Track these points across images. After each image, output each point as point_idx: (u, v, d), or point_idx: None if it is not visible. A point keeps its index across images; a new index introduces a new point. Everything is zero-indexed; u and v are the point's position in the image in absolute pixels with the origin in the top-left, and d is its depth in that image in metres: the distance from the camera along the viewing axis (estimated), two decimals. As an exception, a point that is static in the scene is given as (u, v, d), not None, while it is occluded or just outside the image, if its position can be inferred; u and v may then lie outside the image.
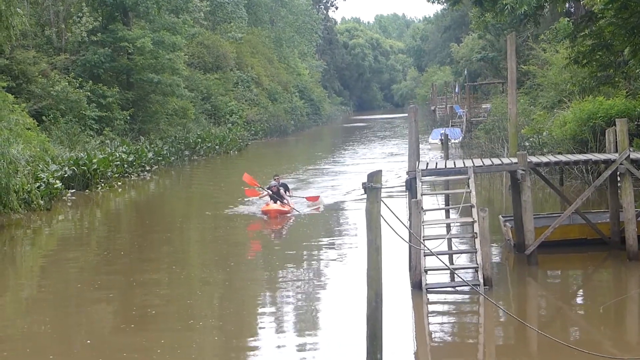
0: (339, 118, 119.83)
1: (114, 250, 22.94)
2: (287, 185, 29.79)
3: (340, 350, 13.01)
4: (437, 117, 78.11)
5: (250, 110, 73.23)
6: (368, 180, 8.89)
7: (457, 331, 14.66)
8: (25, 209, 27.64)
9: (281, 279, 18.76)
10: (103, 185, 35.88)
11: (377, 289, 8.83)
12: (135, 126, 49.88)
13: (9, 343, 14.18)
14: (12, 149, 27.76)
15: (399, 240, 11.67)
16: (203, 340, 13.92)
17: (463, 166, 18.23)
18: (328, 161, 49.78)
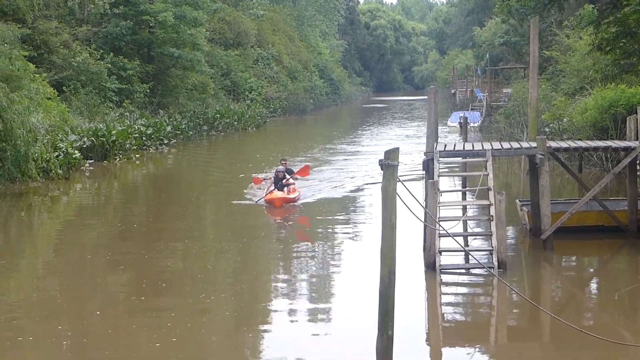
0: (358, 98, 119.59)
1: (129, 221, 23.04)
2: (292, 171, 27.12)
3: (352, 327, 13.03)
4: (457, 101, 77.76)
5: (270, 88, 73.17)
6: (385, 157, 8.85)
7: (470, 313, 14.63)
8: (44, 178, 27.77)
9: (295, 255, 18.79)
10: (121, 157, 35.98)
11: (391, 266, 8.81)
12: (154, 100, 49.94)
13: (23, 308, 14.27)
14: (32, 117, 27.93)
15: (415, 221, 11.65)
16: (214, 313, 13.95)
17: (481, 148, 18.15)
18: (345, 141, 49.69)
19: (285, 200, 24.77)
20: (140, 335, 12.62)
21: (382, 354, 8.84)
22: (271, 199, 24.58)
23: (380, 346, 8.85)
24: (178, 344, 12.16)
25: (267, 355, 11.81)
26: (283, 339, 12.63)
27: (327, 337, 12.76)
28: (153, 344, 12.15)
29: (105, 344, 12.21)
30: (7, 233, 21.84)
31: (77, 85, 41.83)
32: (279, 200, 24.51)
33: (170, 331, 12.68)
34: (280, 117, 71.51)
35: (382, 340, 8.84)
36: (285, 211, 24.23)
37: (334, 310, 14.32)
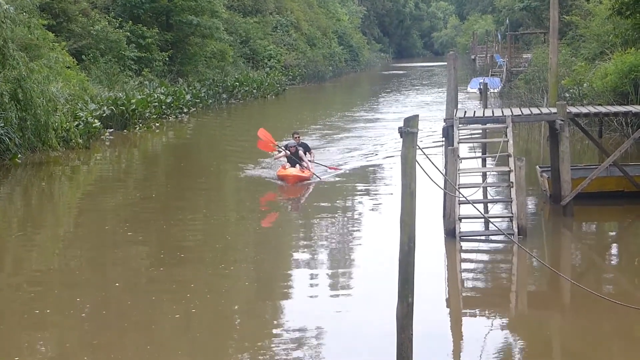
0: (377, 65, 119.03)
1: (148, 190, 23.14)
2: (308, 146, 25.38)
3: (372, 294, 13.08)
4: (477, 66, 77.30)
5: (289, 55, 72.91)
6: (404, 124, 8.81)
7: (490, 279, 14.64)
8: (64, 147, 27.87)
9: (314, 224, 18.82)
10: (141, 125, 36.04)
11: (410, 233, 8.80)
12: (173, 68, 49.91)
13: (43, 279, 14.37)
14: (52, 86, 27.96)
15: (434, 188, 11.62)
16: (233, 285, 13.96)
17: (501, 115, 18.07)
18: (364, 108, 49.54)
19: (299, 178, 23.14)
20: (160, 306, 12.65)
21: (402, 321, 8.85)
22: (284, 176, 23.16)
23: (400, 313, 8.86)
24: (197, 315, 12.20)
25: (286, 325, 11.85)
26: (303, 308, 12.67)
27: (347, 305, 12.81)
28: (172, 315, 12.19)
29: (124, 315, 12.24)
30: (28, 202, 21.99)
31: (96, 54, 41.84)
32: (292, 178, 23.04)
33: (190, 302, 12.70)
34: (299, 84, 71.32)
35: (402, 307, 8.85)
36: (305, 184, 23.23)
37: (354, 277, 14.37)
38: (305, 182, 23.13)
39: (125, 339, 11.34)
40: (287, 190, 22.52)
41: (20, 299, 13.22)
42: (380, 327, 11.00)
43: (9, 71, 24.77)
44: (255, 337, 11.40)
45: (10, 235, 17.97)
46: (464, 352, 10.95)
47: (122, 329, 11.73)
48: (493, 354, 10.66)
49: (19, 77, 24.80)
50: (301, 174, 23.22)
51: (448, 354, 10.85)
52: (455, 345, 11.27)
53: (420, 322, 9.91)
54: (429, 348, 10.50)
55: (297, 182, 22.89)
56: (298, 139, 24.93)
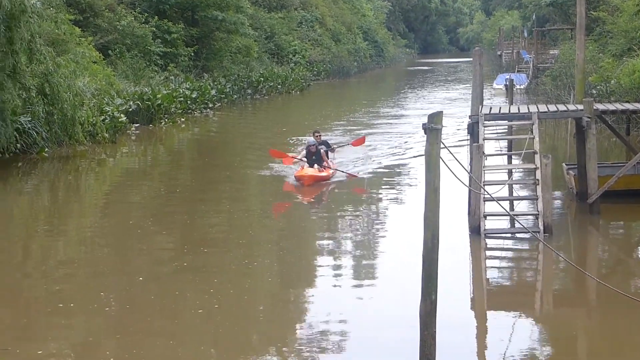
0: (402, 61, 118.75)
1: (173, 184, 23.23)
2: (329, 143, 24.91)
3: (396, 290, 13.06)
4: (503, 62, 76.91)
5: (313, 51, 72.88)
6: (428, 121, 8.80)
7: (515, 277, 14.59)
8: (90, 141, 28.02)
9: (339, 219, 18.82)
10: (166, 120, 36.18)
11: (434, 230, 8.79)
12: (199, 63, 50.02)
13: (69, 271, 14.47)
14: (78, 81, 28.13)
15: (459, 185, 11.58)
16: (257, 278, 14.02)
17: (527, 111, 17.98)
18: (389, 104, 49.45)
19: (315, 178, 22.28)
20: (183, 301, 12.68)
21: (425, 318, 8.85)
22: (301, 176, 22.23)
23: (423, 310, 8.85)
24: (221, 310, 12.22)
25: (310, 319, 11.85)
26: (326, 303, 12.67)
27: (370, 301, 12.82)
28: (196, 310, 12.21)
29: (148, 309, 12.29)
30: (55, 195, 22.16)
31: (122, 49, 42.02)
32: (309, 178, 22.11)
33: (213, 297, 12.72)
34: (324, 80, 71.28)
35: (425, 305, 8.84)
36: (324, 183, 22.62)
37: (378, 274, 14.37)
38: (324, 182, 22.51)
39: (148, 332, 11.39)
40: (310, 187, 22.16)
41: (45, 291, 13.32)
42: (404, 324, 10.97)
43: (37, 66, 24.93)
44: (279, 330, 11.46)
45: (37, 227, 18.12)
46: (488, 350, 10.91)
47: (145, 322, 11.78)
48: (517, 352, 10.60)
49: (46, 71, 24.95)
50: (319, 174, 22.50)
51: (472, 352, 10.81)
52: (479, 344, 11.24)
53: (444, 320, 9.90)
54: (452, 346, 10.45)
55: (314, 183, 22.18)
56: (319, 137, 24.28)
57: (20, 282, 14.09)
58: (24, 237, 17.32)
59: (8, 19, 22.90)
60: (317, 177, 22.35)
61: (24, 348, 10.73)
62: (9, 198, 21.58)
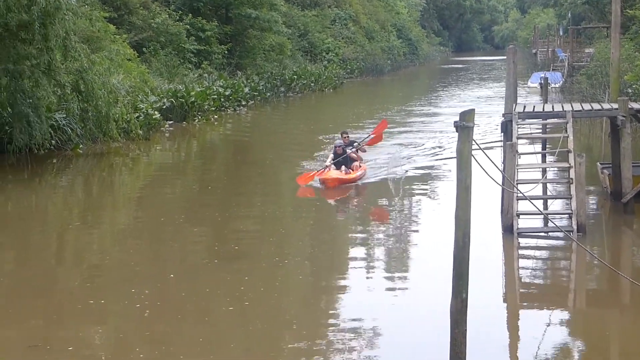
0: (436, 59, 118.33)
1: (206, 182, 23.35)
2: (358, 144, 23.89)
3: (427, 288, 13.06)
4: (538, 61, 76.35)
5: (347, 49, 72.83)
6: (460, 118, 8.78)
7: (548, 277, 14.51)
8: (125, 138, 28.25)
9: (371, 218, 18.83)
10: (200, 118, 36.37)
11: (465, 228, 8.77)
12: (232, 61, 50.20)
13: (101, 269, 14.59)
14: (113, 78, 28.34)
15: (493, 184, 11.55)
16: (288, 277, 14.02)
17: (561, 110, 17.87)
18: (422, 102, 49.30)
19: (340, 181, 21.52)
20: (213, 298, 12.70)
21: (456, 316, 8.83)
22: (324, 179, 21.42)
23: (454, 308, 8.84)
24: (251, 309, 12.21)
25: (341, 317, 11.85)
26: (358, 300, 12.69)
27: (402, 298, 12.83)
28: (226, 308, 12.23)
29: (179, 307, 12.29)
30: (89, 191, 22.38)
31: (156, 47, 42.29)
32: (332, 181, 21.35)
33: (243, 295, 12.72)
34: (357, 78, 71.19)
35: (456, 303, 8.83)
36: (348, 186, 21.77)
37: (410, 271, 14.37)
38: (349, 185, 21.74)
39: (178, 330, 11.39)
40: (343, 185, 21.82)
41: (77, 287, 13.42)
42: (435, 322, 10.95)
43: (71, 63, 25.15)
44: (310, 327, 11.46)
45: (71, 222, 18.30)
46: (520, 350, 10.86)
47: (176, 320, 11.79)
48: (549, 352, 10.56)
49: (80, 68, 25.17)
50: (344, 177, 21.70)
51: (503, 350, 10.78)
52: (511, 343, 11.20)
53: (476, 319, 9.89)
54: (483, 344, 10.44)
55: (337, 186, 21.44)
56: (347, 139, 23.38)
57: (53, 277, 14.23)
58: (58, 232, 17.51)
59: (43, 16, 23.13)
60: (343, 180, 21.60)
61: (54, 344, 10.79)
62: (43, 194, 21.83)
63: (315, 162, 25.12)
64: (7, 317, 11.89)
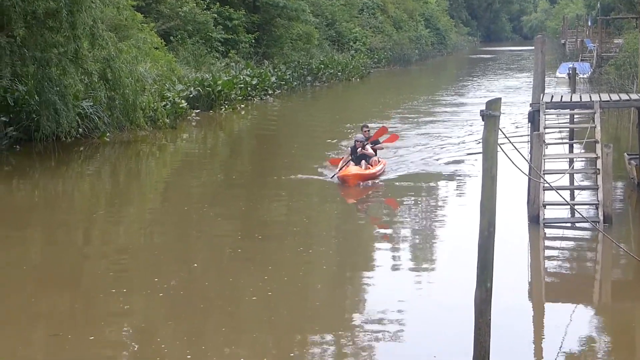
0: (464, 49, 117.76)
1: (232, 171, 23.38)
2: (377, 140, 22.71)
3: (452, 278, 12.99)
4: (566, 51, 75.74)
5: (374, 38, 72.64)
6: (486, 107, 8.70)
7: (574, 268, 14.39)
8: (151, 127, 28.32)
9: (396, 207, 18.75)
10: (226, 106, 36.41)
11: (491, 218, 8.69)
12: (259, 50, 50.20)
13: (126, 256, 14.63)
14: (140, 67, 28.43)
15: (519, 174, 11.46)
16: (313, 266, 13.96)
17: (589, 100, 17.70)
18: (449, 93, 49.06)
19: (361, 177, 20.57)
20: (237, 288, 12.62)
21: (481, 306, 8.76)
22: (344, 176, 20.48)
23: (478, 298, 8.77)
24: (274, 299, 12.12)
25: (366, 308, 11.77)
26: (383, 289, 12.64)
27: (427, 288, 12.78)
28: (249, 298, 12.13)
29: (201, 297, 12.22)
30: (116, 179, 22.48)
31: (184, 35, 42.35)
32: (352, 178, 20.38)
33: (267, 285, 12.64)
34: (384, 67, 71.02)
35: (480, 292, 8.76)
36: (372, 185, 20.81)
37: (436, 260, 14.33)
38: (371, 182, 20.83)
39: (201, 319, 11.37)
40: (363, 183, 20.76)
41: (100, 276, 13.37)
42: (460, 312, 10.89)
43: (99, 51, 25.21)
44: (334, 318, 11.39)
45: (97, 211, 18.35)
46: (545, 341, 10.78)
47: (198, 309, 11.74)
48: (574, 345, 10.46)
49: (108, 57, 25.23)
50: (364, 172, 20.75)
51: (527, 341, 10.70)
52: (535, 334, 11.11)
53: (500, 309, 9.82)
54: (507, 335, 10.37)
55: (359, 183, 20.47)
56: (367, 132, 22.39)
57: (77, 265, 14.24)
58: (84, 221, 17.55)
59: (70, 3, 23.18)
60: (364, 176, 20.66)
61: (75, 333, 10.72)
62: (70, 181, 21.94)
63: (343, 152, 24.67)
64: (30, 306, 11.88)
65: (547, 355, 10.26)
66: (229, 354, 10.26)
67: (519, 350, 10.26)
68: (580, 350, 10.33)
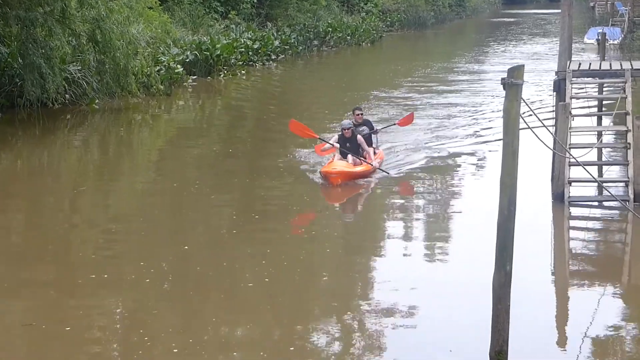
0: (485, 11, 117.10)
1: (230, 144, 23.18)
2: (372, 125, 20.12)
3: (469, 261, 12.97)
4: (595, 15, 75.41)
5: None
6: (508, 75, 8.62)
7: (601, 249, 14.40)
8: (144, 93, 28.27)
9: (409, 183, 18.66)
10: (225, 72, 36.32)
11: (511, 196, 8.64)
12: (262, 11, 49.98)
13: (113, 238, 14.50)
14: (132, 28, 28.23)
15: (542, 149, 11.37)
16: (314, 253, 13.82)
17: (620, 68, 17.59)
18: (467, 60, 48.79)
19: (348, 175, 17.77)
20: (230, 274, 12.44)
21: (499, 291, 8.74)
22: (327, 172, 17.68)
23: (497, 282, 8.75)
24: (272, 286, 11.94)
25: (374, 298, 11.63)
26: (394, 273, 12.58)
27: (441, 272, 12.77)
28: (245, 285, 11.99)
29: (191, 283, 12.06)
30: (105, 150, 22.48)
31: (180, -6, 42.20)
32: (336, 176, 17.52)
33: (265, 270, 12.46)
34: (397, 31, 70.69)
35: (499, 276, 8.74)
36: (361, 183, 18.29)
37: (450, 244, 14.28)
38: (362, 181, 18.19)
39: (189, 308, 11.16)
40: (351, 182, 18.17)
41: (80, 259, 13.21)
42: (477, 298, 10.88)
43: (87, 10, 25.09)
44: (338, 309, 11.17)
45: (84, 184, 18.33)
46: (569, 328, 10.77)
47: (187, 297, 11.55)
48: (600, 332, 10.43)
49: (97, 17, 25.10)
50: (352, 170, 17.95)
51: (550, 327, 10.68)
52: (558, 321, 11.09)
53: (520, 294, 9.79)
54: (527, 322, 10.34)
55: (345, 182, 17.70)
56: (360, 117, 19.79)
57: (58, 245, 13.98)
58: (69, 194, 17.53)
59: (58, -42, 23.11)
60: (351, 174, 17.84)
61: (50, 324, 10.51)
62: (56, 152, 21.95)
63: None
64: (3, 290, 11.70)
65: (571, 343, 10.24)
66: (220, 347, 10.00)
67: (540, 339, 10.25)
68: (606, 338, 10.30)
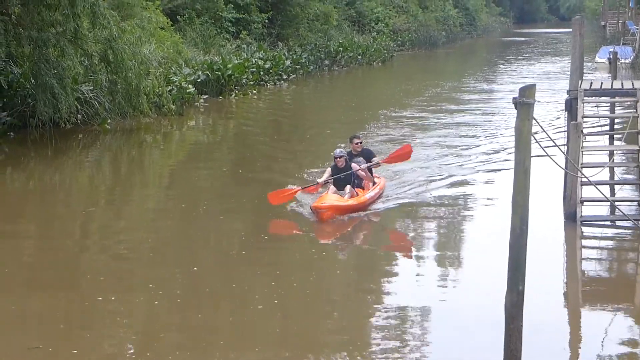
0: (496, 30, 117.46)
1: (241, 163, 23.22)
2: (373, 154, 18.52)
3: (481, 280, 12.93)
4: (607, 34, 75.47)
5: (398, 19, 72.51)
6: (520, 94, 8.62)
7: (613, 270, 14.31)
8: (156, 113, 28.37)
9: (419, 204, 18.59)
10: (237, 92, 36.46)
11: (523, 214, 8.62)
12: (273, 31, 50.18)
13: (118, 258, 14.45)
14: (144, 48, 28.38)
15: (554, 167, 11.35)
16: (323, 270, 13.79)
17: (631, 87, 17.59)
18: (478, 79, 48.87)
19: (339, 210, 16.39)
20: (240, 296, 12.32)
21: (512, 310, 8.70)
22: (317, 207, 16.15)
23: (509, 302, 8.71)
24: (282, 307, 11.88)
25: (384, 319, 11.47)
26: (403, 302, 12.28)
27: (453, 291, 12.69)
28: (254, 307, 11.83)
29: (200, 305, 11.93)
30: (116, 170, 22.51)
31: (191, 15, 42.39)
32: (326, 211, 16.09)
33: (274, 291, 12.38)
34: (408, 50, 70.94)
35: (511, 296, 8.70)
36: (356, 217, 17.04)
37: (462, 262, 14.22)
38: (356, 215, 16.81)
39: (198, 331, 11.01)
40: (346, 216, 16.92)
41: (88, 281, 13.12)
42: (489, 317, 10.84)
43: (100, 31, 25.17)
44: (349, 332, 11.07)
45: (95, 205, 18.36)
46: (581, 349, 10.70)
47: (196, 319, 11.40)
48: (613, 352, 10.38)
49: (109, 37, 25.18)
50: (344, 203, 16.57)
51: (562, 350, 10.62)
52: (571, 342, 11.01)
53: (533, 314, 9.75)
54: (540, 342, 10.29)
55: (335, 217, 16.36)
56: (359, 145, 18.32)
57: (68, 266, 13.90)
58: (81, 215, 17.50)
59: (70, -21, 23.23)
60: (343, 208, 16.49)
61: (57, 346, 10.41)
62: (68, 172, 22.01)
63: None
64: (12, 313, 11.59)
65: (584, 364, 10.19)
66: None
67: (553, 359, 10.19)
68: (620, 359, 10.23)
